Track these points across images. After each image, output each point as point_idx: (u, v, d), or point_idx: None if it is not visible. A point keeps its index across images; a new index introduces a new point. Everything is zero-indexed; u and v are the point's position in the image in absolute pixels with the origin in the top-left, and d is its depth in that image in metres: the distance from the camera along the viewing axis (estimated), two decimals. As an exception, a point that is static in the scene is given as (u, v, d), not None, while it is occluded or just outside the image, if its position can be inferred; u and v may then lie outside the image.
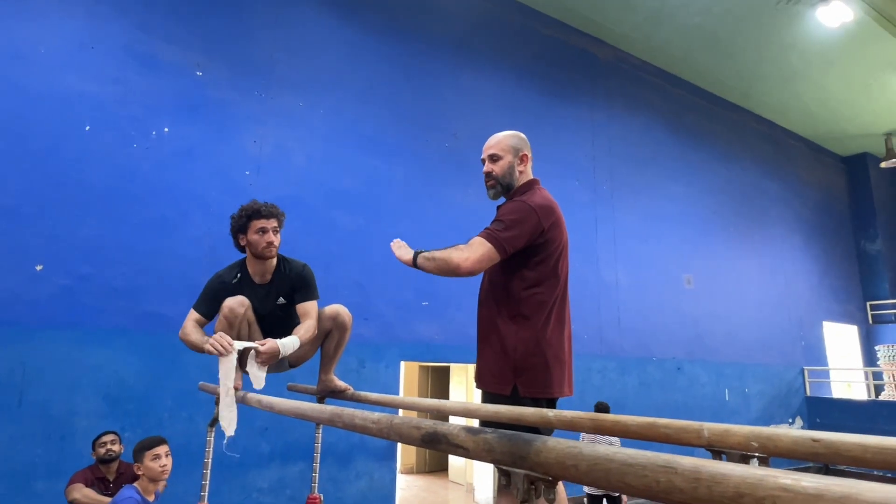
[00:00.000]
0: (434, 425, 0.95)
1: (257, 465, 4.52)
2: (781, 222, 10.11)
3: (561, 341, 1.99)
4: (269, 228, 2.41)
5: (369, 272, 5.42)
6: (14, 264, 3.94)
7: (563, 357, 1.98)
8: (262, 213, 2.42)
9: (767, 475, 0.49)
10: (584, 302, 6.91)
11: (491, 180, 2.13)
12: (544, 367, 1.92)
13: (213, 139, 4.87)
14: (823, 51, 8.26)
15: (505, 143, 2.14)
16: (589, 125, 7.66)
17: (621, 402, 6.90)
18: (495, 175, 2.11)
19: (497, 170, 2.11)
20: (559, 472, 0.72)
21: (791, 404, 9.10)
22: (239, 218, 2.45)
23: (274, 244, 2.43)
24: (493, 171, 2.12)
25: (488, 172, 2.13)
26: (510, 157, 2.12)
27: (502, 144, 2.14)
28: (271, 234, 2.42)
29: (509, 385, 1.91)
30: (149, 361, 4.27)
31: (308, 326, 2.42)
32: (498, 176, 2.11)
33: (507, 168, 2.11)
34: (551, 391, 1.93)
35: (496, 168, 2.12)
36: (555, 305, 1.99)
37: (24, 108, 4.14)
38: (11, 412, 3.76)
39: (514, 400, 1.90)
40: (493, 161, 2.13)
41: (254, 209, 2.44)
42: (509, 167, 2.11)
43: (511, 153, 2.12)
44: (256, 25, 5.28)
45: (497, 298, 2.01)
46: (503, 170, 2.11)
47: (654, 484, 0.58)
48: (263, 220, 2.41)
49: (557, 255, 2.03)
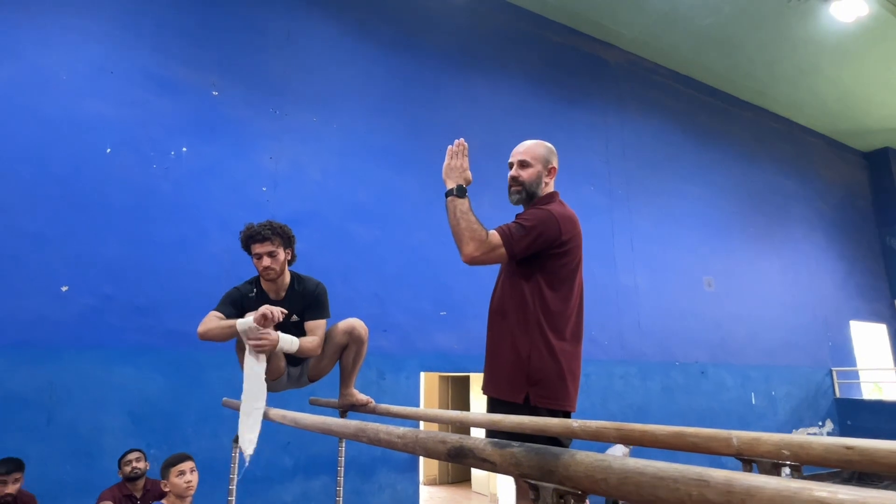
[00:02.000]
0: (460, 439, 0.95)
1: (281, 480, 4.53)
2: (802, 221, 9.94)
3: (576, 355, 1.98)
4: (262, 254, 2.40)
5: (386, 284, 5.45)
6: (41, 286, 4.03)
7: (576, 372, 1.97)
8: (254, 239, 2.41)
9: (802, 488, 0.48)
10: (603, 307, 6.85)
11: (517, 185, 2.11)
12: (559, 377, 1.90)
13: (229, 157, 4.95)
14: (839, 46, 8.14)
15: (537, 152, 2.12)
16: (602, 130, 7.63)
17: (645, 408, 6.81)
18: (522, 181, 2.10)
19: (525, 176, 2.09)
20: (588, 486, 0.71)
21: (820, 407, 8.89)
22: (241, 241, 2.48)
23: (271, 268, 2.41)
24: (520, 176, 2.10)
25: (515, 177, 2.11)
26: (540, 166, 2.11)
27: (534, 152, 2.12)
28: (266, 259, 2.40)
29: (522, 393, 1.89)
30: (172, 378, 4.32)
31: (312, 339, 2.42)
32: (525, 182, 2.09)
33: (535, 177, 2.10)
34: (564, 404, 1.91)
35: (524, 174, 2.10)
36: (570, 319, 1.99)
37: (48, 134, 4.26)
38: (41, 431, 3.83)
39: (526, 409, 1.87)
40: (522, 167, 2.11)
41: (247, 235, 2.44)
42: (538, 176, 2.10)
43: (541, 163, 2.11)
44: (269, 44, 5.37)
45: (514, 307, 1.99)
46: (531, 178, 2.09)
47: (686, 498, 0.58)
48: (257, 245, 2.41)
49: (574, 267, 2.02)
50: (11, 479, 3.15)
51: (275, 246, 2.42)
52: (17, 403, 3.80)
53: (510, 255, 1.94)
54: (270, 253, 2.41)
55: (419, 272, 5.63)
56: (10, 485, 3.12)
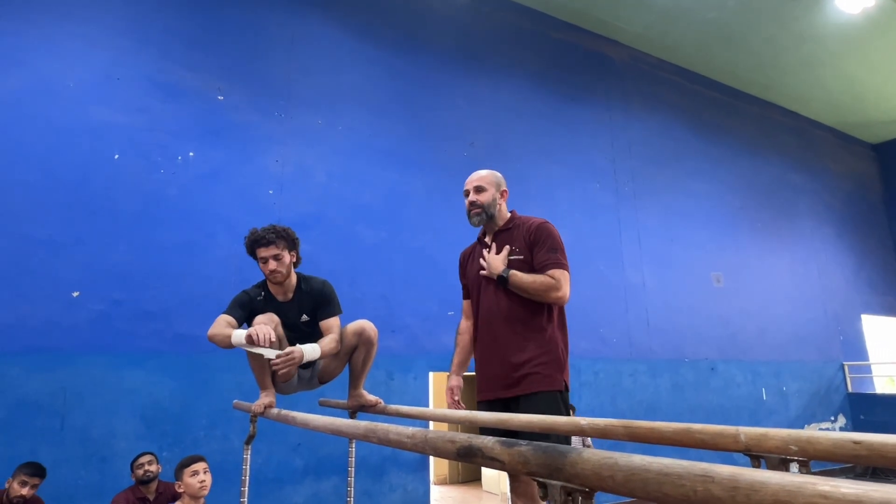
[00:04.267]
0: (469, 439, 0.96)
1: (292, 481, 4.56)
2: (811, 215, 9.87)
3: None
4: (267, 257, 2.43)
5: (394, 285, 5.46)
6: (52, 292, 4.07)
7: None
8: (258, 243, 2.44)
9: (806, 482, 0.49)
10: (611, 305, 6.84)
11: (477, 208, 2.42)
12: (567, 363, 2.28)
13: (236, 161, 4.98)
14: (845, 38, 8.08)
15: (489, 179, 2.46)
16: (607, 127, 7.61)
17: (654, 406, 6.79)
18: (481, 203, 2.41)
19: (482, 199, 2.42)
20: (596, 483, 0.72)
21: (832, 402, 8.82)
22: (246, 246, 2.50)
23: (277, 271, 2.44)
24: (478, 200, 2.42)
25: (473, 202, 2.43)
26: (493, 189, 2.44)
27: (486, 179, 2.46)
28: (272, 262, 2.43)
29: (561, 382, 2.18)
30: (183, 382, 4.36)
31: (330, 339, 2.45)
32: (483, 204, 2.41)
33: (490, 199, 2.42)
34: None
35: (481, 198, 2.42)
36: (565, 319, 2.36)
37: (56, 142, 4.30)
38: (54, 435, 3.87)
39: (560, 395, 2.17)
40: (478, 192, 2.43)
41: (251, 239, 2.46)
42: (493, 199, 2.43)
43: (494, 187, 2.45)
44: (273, 49, 5.40)
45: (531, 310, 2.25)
46: (488, 200, 2.42)
47: (692, 493, 0.58)
48: (262, 249, 2.44)
49: None
50: (32, 482, 3.20)
51: (279, 249, 2.45)
52: (31, 408, 3.84)
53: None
54: (276, 256, 2.44)
55: (426, 273, 5.65)
56: (28, 487, 3.17)
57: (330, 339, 2.44)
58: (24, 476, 3.18)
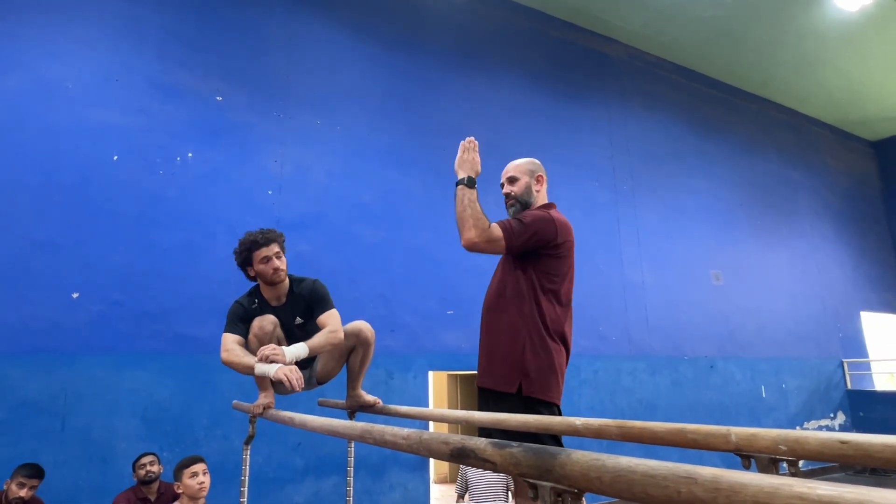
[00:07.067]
0: (462, 440, 0.97)
1: (292, 481, 4.58)
2: (810, 212, 9.88)
3: (563, 353, 2.11)
4: (271, 255, 2.43)
5: (393, 284, 5.47)
6: (52, 293, 4.09)
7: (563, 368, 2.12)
8: (260, 243, 2.44)
9: (783, 484, 0.50)
10: (610, 303, 6.85)
11: (511, 199, 2.29)
12: (550, 370, 2.03)
13: (235, 161, 4.99)
14: (843, 35, 8.08)
15: (522, 167, 2.32)
16: (606, 125, 7.62)
17: (653, 403, 6.81)
18: (514, 195, 2.28)
19: (516, 189, 2.28)
20: (584, 484, 0.73)
21: (832, 399, 8.84)
22: (241, 252, 2.49)
23: (280, 269, 2.45)
24: (512, 191, 2.29)
25: (508, 193, 2.30)
26: (527, 178, 2.29)
27: (519, 168, 2.32)
28: (275, 261, 2.44)
29: (515, 383, 2.02)
30: (183, 383, 4.37)
31: (326, 332, 2.39)
32: (517, 195, 2.27)
33: (524, 188, 2.28)
34: (553, 395, 2.03)
35: (515, 188, 2.28)
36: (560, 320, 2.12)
37: (56, 144, 4.31)
38: (55, 436, 3.89)
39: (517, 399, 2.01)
40: (511, 183, 2.30)
41: (251, 241, 2.46)
42: (527, 186, 2.28)
43: (528, 175, 2.30)
44: (271, 49, 5.41)
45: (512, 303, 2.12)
46: (521, 189, 2.28)
47: (676, 494, 0.60)
48: (264, 249, 2.44)
49: (566, 271, 2.16)
50: (30, 483, 3.21)
51: (279, 247, 2.48)
52: (31, 409, 3.86)
53: (507, 249, 2.07)
54: (278, 254, 2.46)
55: (425, 272, 5.66)
56: (26, 489, 3.19)
57: (325, 332, 2.39)
58: (22, 478, 3.19)
